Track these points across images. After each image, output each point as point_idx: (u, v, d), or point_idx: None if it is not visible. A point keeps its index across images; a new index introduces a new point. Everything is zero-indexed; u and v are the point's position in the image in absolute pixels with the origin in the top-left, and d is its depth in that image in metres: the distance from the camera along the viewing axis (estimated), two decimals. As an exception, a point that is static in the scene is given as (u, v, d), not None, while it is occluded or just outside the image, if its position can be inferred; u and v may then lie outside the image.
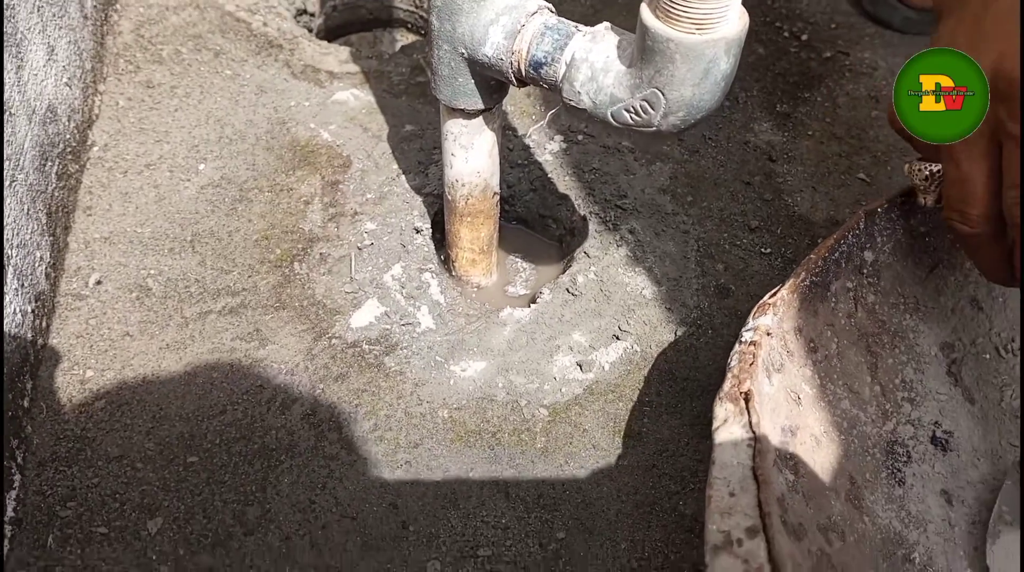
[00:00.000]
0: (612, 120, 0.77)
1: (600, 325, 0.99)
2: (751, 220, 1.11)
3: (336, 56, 1.36)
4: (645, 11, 0.70)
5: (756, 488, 0.60)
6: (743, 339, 0.74)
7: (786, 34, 1.43)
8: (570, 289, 1.03)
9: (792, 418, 0.72)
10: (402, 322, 0.98)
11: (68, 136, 1.09)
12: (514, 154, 1.18)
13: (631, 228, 1.09)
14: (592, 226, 1.10)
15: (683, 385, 0.94)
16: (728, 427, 0.66)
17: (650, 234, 1.09)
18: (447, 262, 1.09)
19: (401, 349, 0.96)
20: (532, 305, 1.02)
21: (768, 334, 0.73)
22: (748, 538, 0.57)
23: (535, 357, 0.96)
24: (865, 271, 0.84)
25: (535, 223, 1.19)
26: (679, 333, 0.98)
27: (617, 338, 0.98)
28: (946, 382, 0.88)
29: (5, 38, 0.94)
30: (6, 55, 0.94)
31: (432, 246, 1.09)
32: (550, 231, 1.18)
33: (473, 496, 0.84)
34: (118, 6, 1.35)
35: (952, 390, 0.88)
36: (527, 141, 1.20)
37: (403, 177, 1.15)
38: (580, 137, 1.20)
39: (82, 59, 1.18)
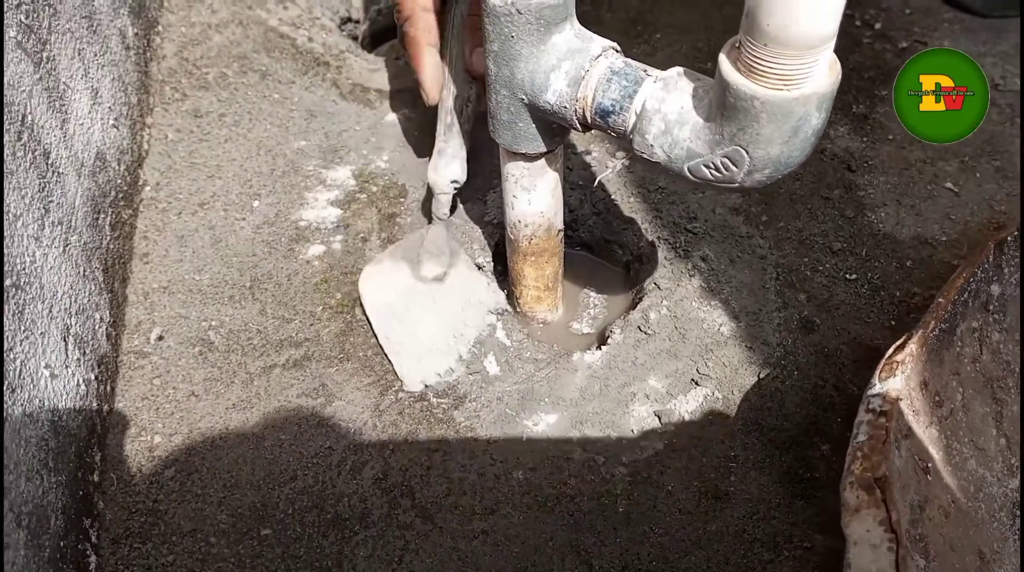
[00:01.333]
0: (689, 175, 0.71)
1: (677, 368, 0.94)
2: (833, 241, 1.05)
3: (384, 72, 1.31)
4: (725, 64, 0.64)
5: None
6: (871, 407, 0.68)
7: (857, 23, 1.34)
8: (642, 327, 0.98)
9: (920, 491, 0.67)
10: (469, 371, 0.95)
11: (119, 181, 1.07)
12: (574, 174, 1.13)
13: (703, 255, 1.03)
14: (661, 253, 1.05)
15: (770, 436, 0.89)
16: (862, 520, 0.61)
17: (724, 261, 1.03)
18: (511, 298, 1.04)
19: (470, 401, 0.92)
20: (603, 346, 0.98)
21: (898, 400, 0.67)
22: None
23: (610, 407, 0.91)
24: (991, 308, 0.78)
25: (600, 249, 1.13)
26: (762, 375, 0.93)
27: (696, 383, 0.93)
28: (1075, 428, 0.82)
29: (48, 93, 0.92)
30: (48, 110, 0.91)
31: (495, 281, 1.05)
32: (616, 257, 1.12)
33: (555, 568, 0.80)
34: (159, 28, 1.31)
35: (1081, 436, 0.81)
36: (587, 159, 1.14)
37: (460, 206, 1.10)
38: (664, 176, 1.14)
39: (127, 94, 1.14)
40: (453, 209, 1.07)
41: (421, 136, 1.19)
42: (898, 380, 0.65)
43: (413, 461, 0.87)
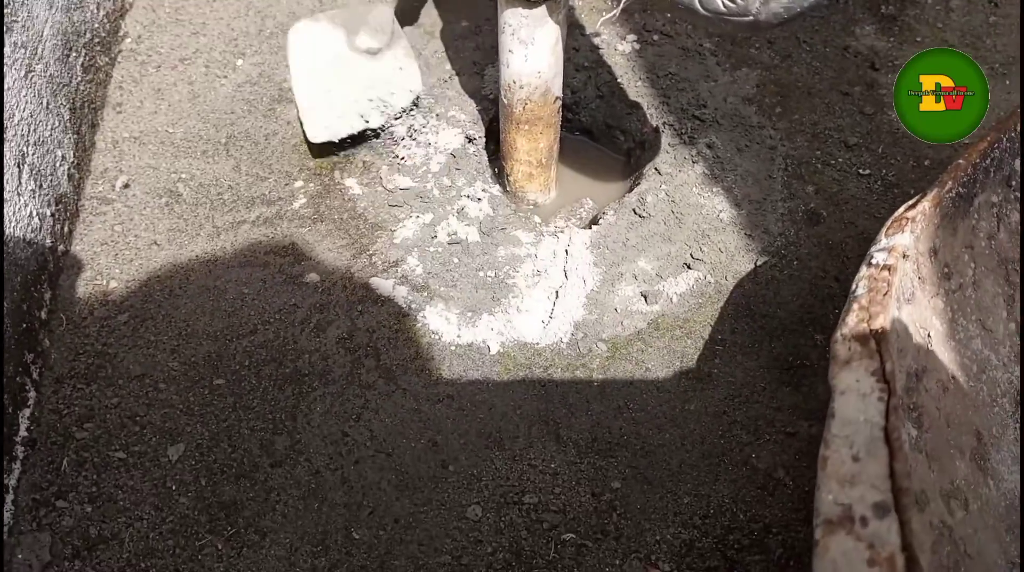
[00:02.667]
0: (700, 7, 0.65)
1: (670, 251, 0.88)
2: (848, 136, 0.98)
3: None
4: None
5: (889, 454, 0.49)
6: (874, 261, 0.61)
7: (897, -76, 1.25)
8: (637, 210, 0.92)
9: (919, 360, 0.61)
10: (450, 241, 0.89)
11: (96, 25, 1.00)
12: (580, 55, 1.06)
13: (710, 142, 0.97)
14: (665, 139, 0.98)
15: (762, 322, 0.83)
16: (852, 371, 0.54)
17: (731, 150, 0.96)
18: (501, 175, 0.98)
19: (448, 271, 0.87)
20: (594, 226, 0.92)
21: (904, 256, 0.61)
22: (876, 517, 0.47)
23: (595, 285, 0.86)
24: (1013, 183, 0.71)
25: (601, 134, 1.07)
26: (759, 263, 0.87)
27: (688, 267, 0.87)
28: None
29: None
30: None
31: (485, 157, 0.99)
32: (617, 144, 1.06)
33: (520, 436, 0.75)
34: None
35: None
36: (596, 40, 1.07)
37: (456, 79, 1.04)
38: (656, 37, 1.07)
39: None
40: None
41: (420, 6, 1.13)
42: (906, 236, 0.59)
43: (382, 323, 0.82)
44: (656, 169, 0.96)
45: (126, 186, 0.92)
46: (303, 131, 0.90)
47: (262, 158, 0.95)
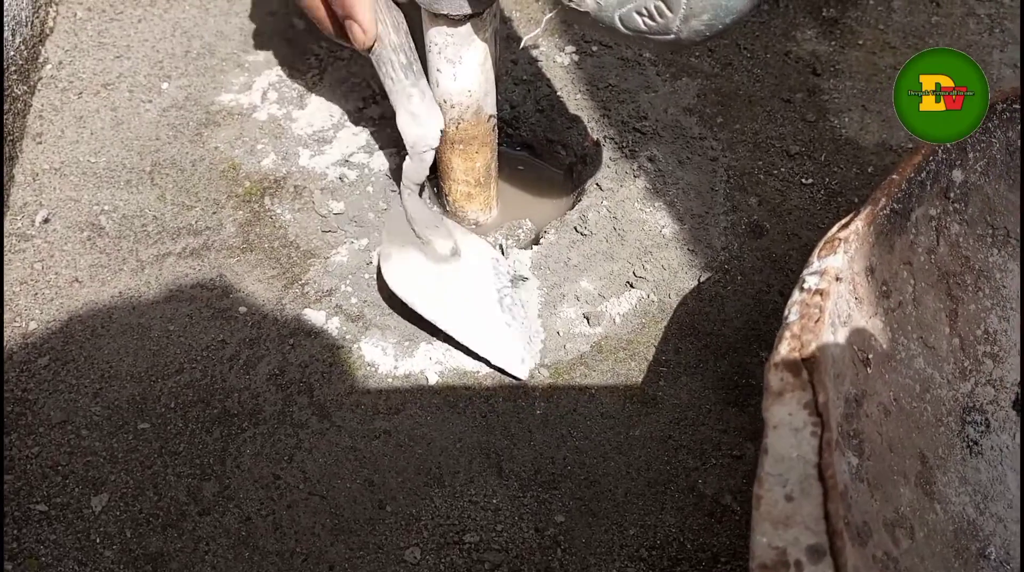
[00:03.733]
0: (621, 26, 0.62)
1: (612, 270, 0.86)
2: (791, 145, 0.97)
3: (321, -43, 1.20)
4: None
5: (823, 493, 0.47)
6: (806, 285, 0.59)
7: (836, -75, 1.24)
8: (578, 228, 0.90)
9: (858, 384, 0.59)
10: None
11: (12, 53, 0.96)
12: (518, 68, 1.03)
13: (651, 155, 0.95)
14: (606, 153, 0.96)
15: (706, 341, 0.81)
16: (784, 404, 0.52)
17: (673, 162, 0.94)
18: (440, 196, 0.96)
19: (384, 299, 0.84)
20: (535, 246, 0.89)
21: (838, 279, 0.59)
22: (810, 561, 0.45)
23: (537, 308, 0.83)
24: (952, 195, 0.70)
25: (542, 149, 1.05)
26: (703, 279, 0.85)
27: (631, 286, 0.85)
28: (1035, 332, 0.74)
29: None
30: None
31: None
32: (559, 158, 1.04)
33: (461, 471, 0.73)
34: (77, -98, 1.20)
35: (1041, 343, 0.74)
36: (534, 52, 1.05)
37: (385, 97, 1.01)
38: (595, 47, 1.05)
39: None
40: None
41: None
42: (839, 258, 0.58)
43: (315, 357, 0.79)
44: (597, 184, 0.94)
45: (46, 221, 0.88)
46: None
47: (188, 186, 0.91)
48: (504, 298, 0.83)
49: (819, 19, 1.12)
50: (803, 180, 0.93)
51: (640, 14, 0.60)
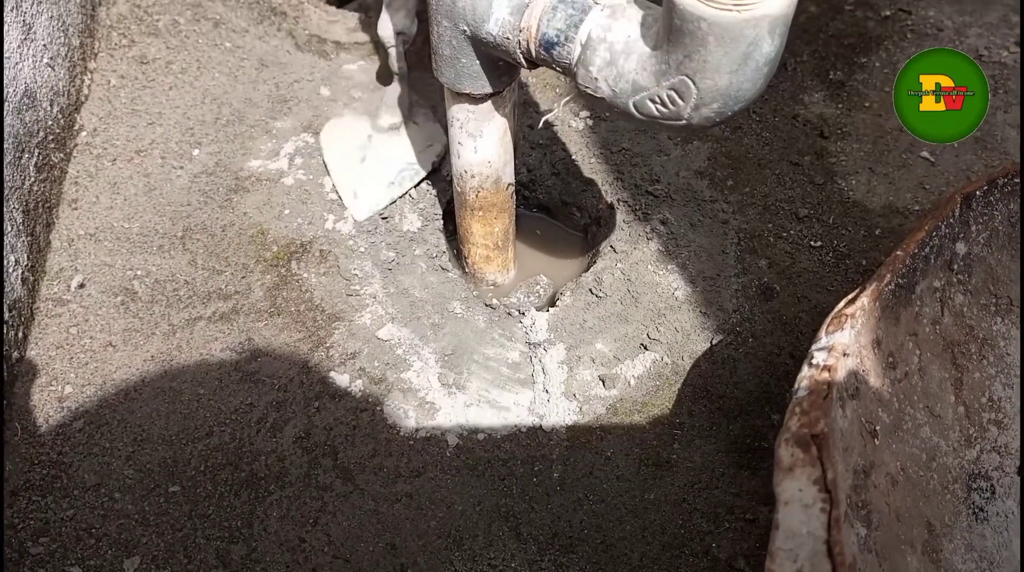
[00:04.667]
0: (635, 111, 0.66)
1: (626, 332, 0.89)
2: (799, 208, 0.99)
3: (344, 24, 1.25)
4: (674, -16, 0.58)
5: (831, 569, 0.49)
6: (815, 361, 0.61)
7: (841, -10, 1.29)
8: (594, 290, 0.92)
9: (866, 455, 0.61)
10: (412, 331, 0.89)
11: (51, 123, 1.01)
12: (535, 133, 1.07)
13: (663, 218, 0.98)
14: (620, 216, 0.99)
15: (719, 404, 0.83)
16: (795, 479, 0.54)
17: (685, 225, 0.97)
18: (460, 258, 0.99)
19: (409, 358, 0.87)
20: (551, 309, 0.92)
21: (845, 354, 0.61)
22: None
23: (553, 371, 0.86)
24: (955, 267, 0.73)
25: (558, 211, 1.08)
26: (715, 342, 0.87)
27: (645, 348, 0.88)
28: (1039, 399, 0.76)
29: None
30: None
31: (443, 239, 0.99)
32: (574, 220, 1.07)
33: (480, 534, 0.75)
34: (112, -27, 1.25)
35: (1045, 409, 0.76)
36: (550, 118, 1.09)
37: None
38: (609, 113, 1.09)
39: (68, 35, 1.08)
40: (412, 66, 1.07)
41: (377, 88, 1.14)
42: (845, 334, 0.60)
43: (339, 420, 0.82)
44: (612, 247, 0.96)
45: (81, 286, 0.92)
46: (351, 216, 0.97)
47: (218, 250, 0.95)
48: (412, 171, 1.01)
49: (826, 82, 1.15)
50: (812, 242, 0.96)
51: (653, 102, 0.64)
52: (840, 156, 1.05)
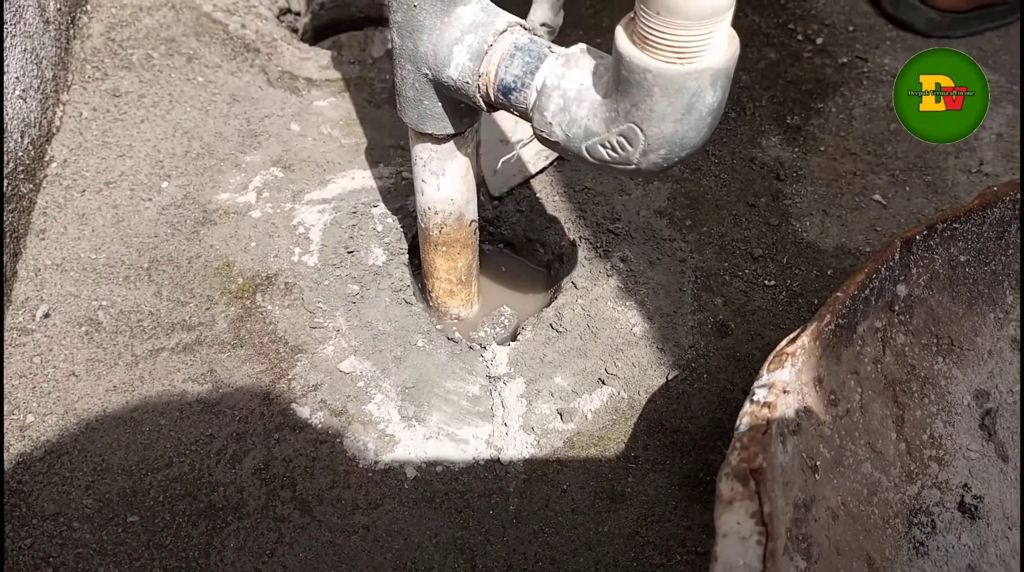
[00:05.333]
0: (587, 155, 0.68)
1: (585, 367, 0.91)
2: (755, 247, 1.02)
3: (316, 61, 1.28)
4: (620, 36, 0.61)
5: None
6: (755, 398, 0.64)
7: (800, 37, 1.33)
8: (554, 325, 0.95)
9: (807, 490, 0.63)
10: (374, 364, 0.90)
11: (21, 154, 1.02)
12: (501, 170, 1.09)
13: (623, 256, 1.00)
14: (582, 252, 1.02)
15: (673, 438, 0.85)
16: (734, 512, 0.56)
17: (644, 263, 1.00)
18: (424, 292, 1.01)
19: (370, 391, 0.88)
20: (512, 343, 0.94)
21: (785, 392, 0.63)
22: None
23: (512, 404, 0.88)
24: (897, 308, 0.75)
25: (522, 247, 1.10)
26: (671, 377, 0.90)
27: (603, 383, 0.90)
28: (978, 437, 0.79)
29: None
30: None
31: (408, 273, 1.01)
32: (537, 256, 1.09)
33: (435, 567, 0.76)
34: (88, 7, 1.27)
35: (984, 446, 0.79)
36: (508, 159, 1.11)
37: (380, 197, 1.06)
38: (564, 157, 1.11)
39: (40, 68, 1.10)
40: None
41: (347, 124, 1.16)
42: (786, 372, 0.62)
43: (299, 452, 0.83)
44: (573, 283, 0.99)
45: (46, 315, 0.92)
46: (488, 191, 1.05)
47: (184, 282, 0.96)
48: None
49: (783, 126, 1.19)
50: (766, 282, 0.99)
51: (604, 147, 0.66)
52: (795, 198, 1.09)
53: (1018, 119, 1.23)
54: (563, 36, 1.31)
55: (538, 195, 1.08)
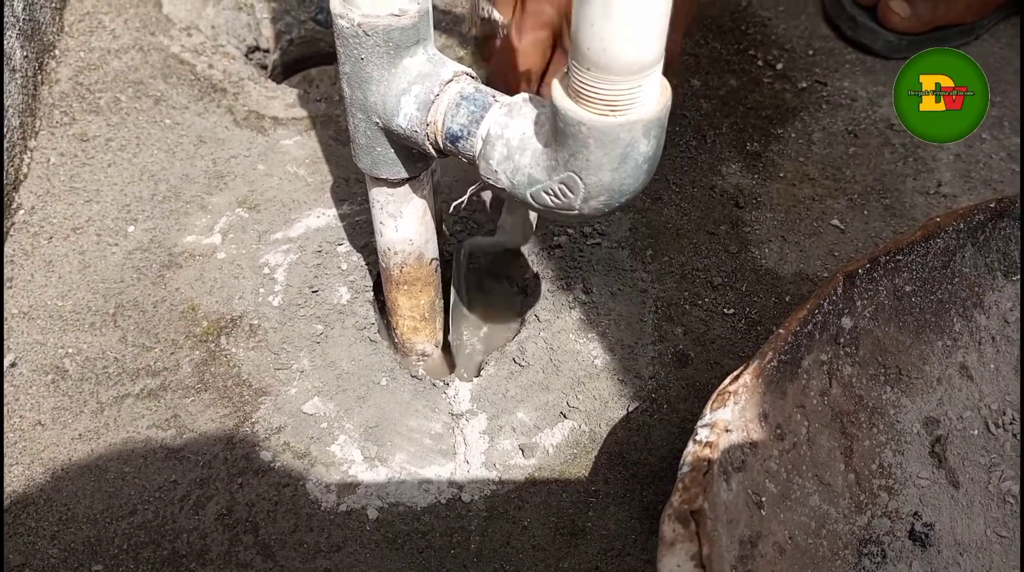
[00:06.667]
0: (532, 201, 0.70)
1: (547, 401, 0.92)
2: (714, 276, 1.04)
3: (283, 99, 1.29)
4: (556, 89, 0.63)
5: None
6: (698, 437, 0.65)
7: (760, 63, 1.35)
8: (517, 359, 0.96)
9: (752, 526, 0.65)
10: (337, 404, 0.91)
11: (-13, 203, 1.03)
12: (464, 208, 1.11)
13: (586, 287, 1.02)
14: (545, 285, 1.03)
15: (633, 470, 0.86)
16: (675, 554, 0.58)
17: (606, 294, 1.01)
18: (388, 329, 1.02)
19: (333, 432, 0.89)
20: (475, 379, 0.95)
21: (727, 430, 0.65)
22: None
23: (475, 441, 0.89)
24: (842, 341, 0.77)
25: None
26: (631, 409, 0.91)
27: (564, 416, 0.91)
28: (928, 464, 0.80)
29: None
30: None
31: (372, 311, 1.02)
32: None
33: (397, 608, 0.77)
34: (56, 52, 1.29)
35: (935, 473, 0.80)
36: (460, 202, 1.13)
37: (345, 235, 1.08)
38: (512, 202, 1.13)
39: (7, 116, 1.11)
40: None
41: (312, 162, 1.18)
42: (728, 411, 0.64)
43: (261, 496, 0.84)
44: (536, 316, 1.00)
45: (13, 365, 0.93)
46: None
47: (148, 327, 0.97)
48: None
49: (743, 153, 1.21)
50: (725, 310, 1.00)
51: (547, 193, 0.68)
52: (754, 225, 1.11)
53: (974, 137, 1.25)
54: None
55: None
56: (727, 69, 1.34)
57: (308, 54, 1.57)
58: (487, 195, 1.01)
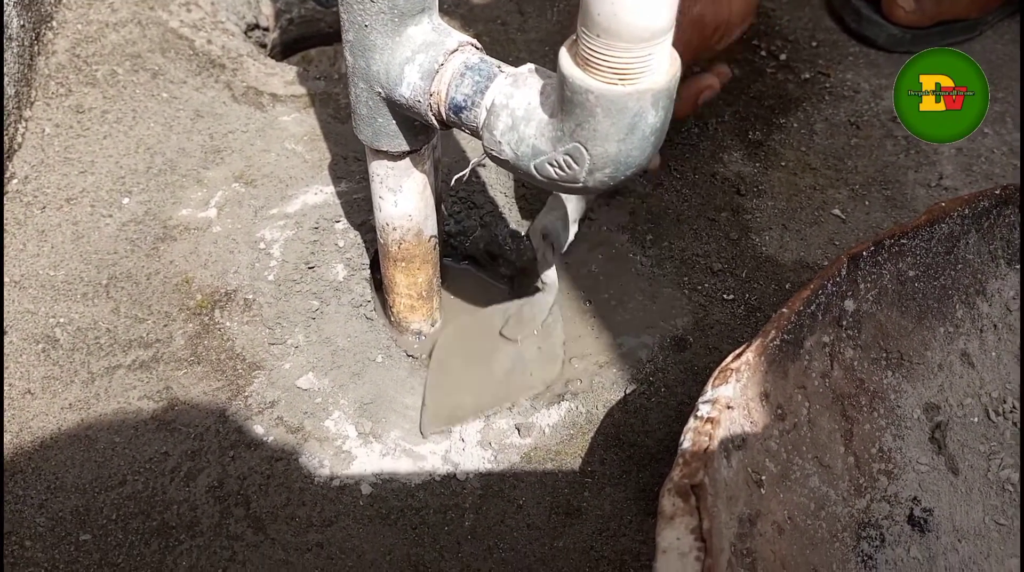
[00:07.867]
0: (536, 173, 0.69)
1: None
2: (714, 262, 1.03)
3: (282, 77, 1.28)
4: (564, 57, 0.62)
5: None
6: (699, 413, 0.64)
7: (763, 53, 1.35)
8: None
9: (752, 504, 0.64)
10: (332, 380, 0.90)
11: (-21, 170, 1.02)
12: (463, 187, 1.10)
13: (585, 271, 1.01)
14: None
15: (630, 452, 0.86)
16: (674, 528, 0.57)
17: (605, 278, 1.00)
18: (385, 308, 1.01)
19: (328, 407, 0.88)
20: (472, 359, 0.94)
21: (729, 407, 0.64)
22: None
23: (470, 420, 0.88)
24: (844, 323, 0.76)
25: (484, 262, 1.11)
26: (629, 391, 0.90)
27: (561, 397, 0.90)
28: (928, 450, 0.80)
29: None
30: None
31: (369, 289, 1.01)
32: (500, 272, 1.10)
33: (389, 584, 0.76)
34: (54, 24, 1.27)
35: (934, 459, 0.80)
36: (479, 170, 1.12)
37: (343, 212, 1.07)
38: (515, 175, 1.12)
39: (2, 85, 1.10)
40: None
41: (311, 139, 1.16)
42: (730, 387, 0.63)
43: (254, 469, 0.83)
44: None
45: (3, 333, 0.92)
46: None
47: (142, 299, 0.96)
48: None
49: (745, 141, 1.20)
50: (724, 296, 1.00)
51: (551, 165, 0.67)
52: (755, 213, 1.10)
53: (976, 132, 1.24)
54: (533, 52, 1.32)
55: (501, 210, 1.08)
56: (730, 59, 1.33)
57: (307, 34, 1.56)
58: (537, 241, 1.00)
